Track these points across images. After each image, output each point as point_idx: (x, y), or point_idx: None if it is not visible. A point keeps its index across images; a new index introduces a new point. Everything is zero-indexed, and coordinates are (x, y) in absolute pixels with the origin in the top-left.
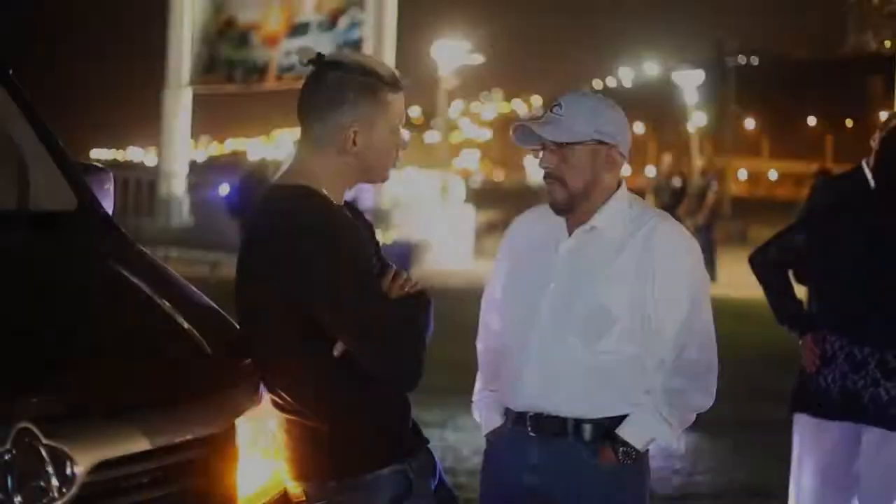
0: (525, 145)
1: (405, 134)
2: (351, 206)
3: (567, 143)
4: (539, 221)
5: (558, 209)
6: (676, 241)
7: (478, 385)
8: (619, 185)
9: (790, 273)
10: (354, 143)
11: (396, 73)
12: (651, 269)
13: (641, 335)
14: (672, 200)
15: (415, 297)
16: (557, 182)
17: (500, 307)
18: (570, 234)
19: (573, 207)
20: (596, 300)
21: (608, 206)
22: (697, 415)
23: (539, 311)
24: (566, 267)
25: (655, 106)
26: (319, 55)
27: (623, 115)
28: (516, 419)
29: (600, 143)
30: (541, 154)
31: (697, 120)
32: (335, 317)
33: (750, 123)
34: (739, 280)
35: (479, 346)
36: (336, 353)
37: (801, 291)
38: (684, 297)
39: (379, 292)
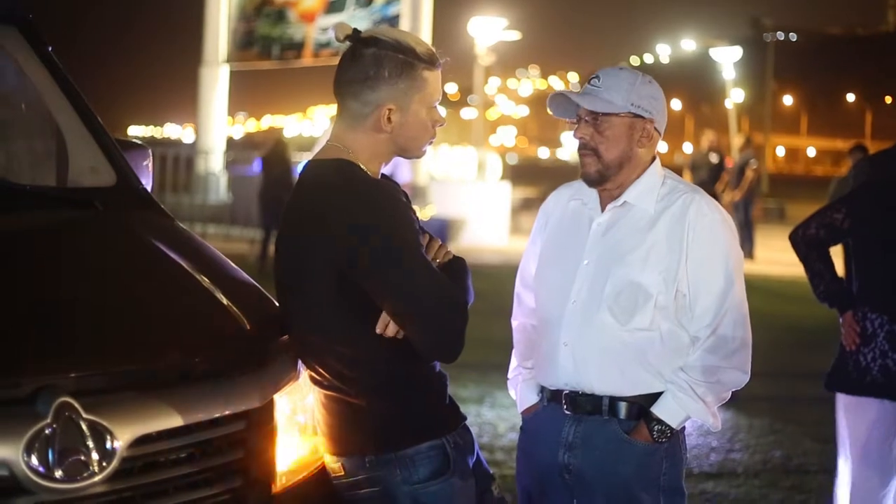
0: (562, 116)
1: (442, 111)
2: (388, 179)
3: (603, 114)
4: (573, 197)
5: (590, 180)
6: (710, 216)
7: (513, 362)
8: (653, 161)
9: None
10: (390, 120)
11: (434, 50)
12: (684, 245)
13: (675, 312)
14: (710, 176)
15: (453, 264)
16: (591, 153)
17: (535, 284)
18: (603, 210)
19: (605, 179)
20: (629, 277)
21: (641, 181)
22: (733, 392)
23: (573, 287)
24: (599, 243)
25: (693, 83)
26: (356, 31)
27: (660, 91)
28: (551, 397)
29: (636, 116)
30: (577, 126)
31: (735, 97)
32: (382, 284)
33: (788, 100)
34: (777, 258)
35: (514, 323)
36: (378, 329)
37: (839, 269)
38: (718, 273)
39: (425, 261)
